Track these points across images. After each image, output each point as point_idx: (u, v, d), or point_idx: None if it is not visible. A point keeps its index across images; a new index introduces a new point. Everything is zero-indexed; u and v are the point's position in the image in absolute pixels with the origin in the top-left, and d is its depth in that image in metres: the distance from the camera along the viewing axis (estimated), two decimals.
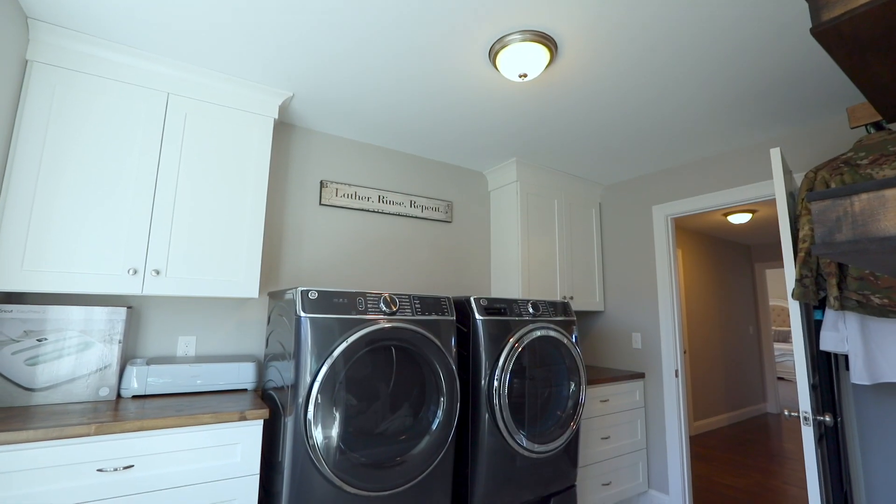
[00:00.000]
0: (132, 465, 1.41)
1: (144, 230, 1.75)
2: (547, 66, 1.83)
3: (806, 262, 1.65)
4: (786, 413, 1.72)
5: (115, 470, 1.38)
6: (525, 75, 1.76)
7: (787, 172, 1.86)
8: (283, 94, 2.08)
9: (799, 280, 1.63)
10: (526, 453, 1.98)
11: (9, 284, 1.52)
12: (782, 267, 5.72)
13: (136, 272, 1.71)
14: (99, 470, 1.36)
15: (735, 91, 2.04)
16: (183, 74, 1.87)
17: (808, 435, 1.57)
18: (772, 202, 3.87)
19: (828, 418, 1.60)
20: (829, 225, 0.75)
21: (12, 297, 1.74)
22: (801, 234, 1.72)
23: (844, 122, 2.25)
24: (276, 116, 2.09)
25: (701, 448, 4.23)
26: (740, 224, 4.82)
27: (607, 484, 2.67)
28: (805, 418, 1.57)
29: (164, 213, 1.80)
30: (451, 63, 1.84)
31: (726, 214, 4.37)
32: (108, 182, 1.71)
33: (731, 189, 2.67)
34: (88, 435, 1.35)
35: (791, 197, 1.83)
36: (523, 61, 1.70)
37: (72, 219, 1.63)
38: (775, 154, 1.69)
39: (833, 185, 1.68)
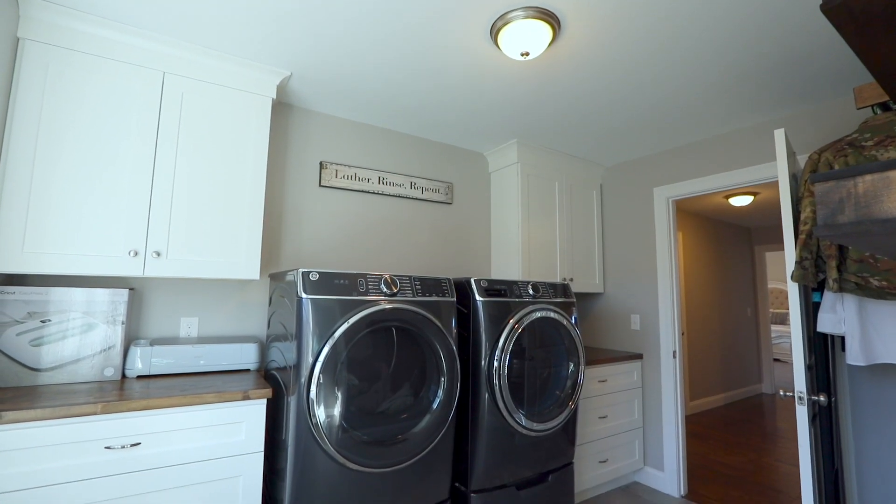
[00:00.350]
0: (139, 443, 1.44)
1: (144, 212, 1.74)
2: (549, 45, 1.79)
3: (806, 244, 1.65)
4: (781, 393, 1.75)
5: (123, 447, 1.41)
6: (527, 53, 1.73)
7: (791, 154, 1.84)
8: (280, 73, 2.05)
9: (799, 262, 1.63)
10: (525, 432, 2.02)
11: (10, 266, 1.53)
12: (782, 249, 5.72)
13: (136, 254, 1.71)
14: (107, 447, 1.39)
15: (738, 71, 2.01)
16: (179, 52, 1.84)
17: (802, 414, 1.60)
18: (774, 184, 3.85)
19: (822, 398, 1.62)
20: (832, 206, 0.75)
21: (14, 278, 1.74)
22: (802, 217, 1.71)
23: (850, 103, 2.22)
24: (274, 96, 2.06)
25: (696, 427, 4.31)
26: (741, 206, 4.81)
27: (604, 461, 2.73)
28: (800, 398, 1.60)
29: (164, 194, 1.79)
30: (452, 41, 1.80)
31: (727, 197, 4.35)
32: (106, 163, 1.69)
33: (733, 171, 2.66)
34: (95, 414, 1.37)
35: (794, 179, 1.81)
36: (526, 39, 1.67)
37: (71, 200, 1.63)
38: (779, 135, 1.67)
39: (837, 167, 1.67)
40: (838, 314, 1.80)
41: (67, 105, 1.64)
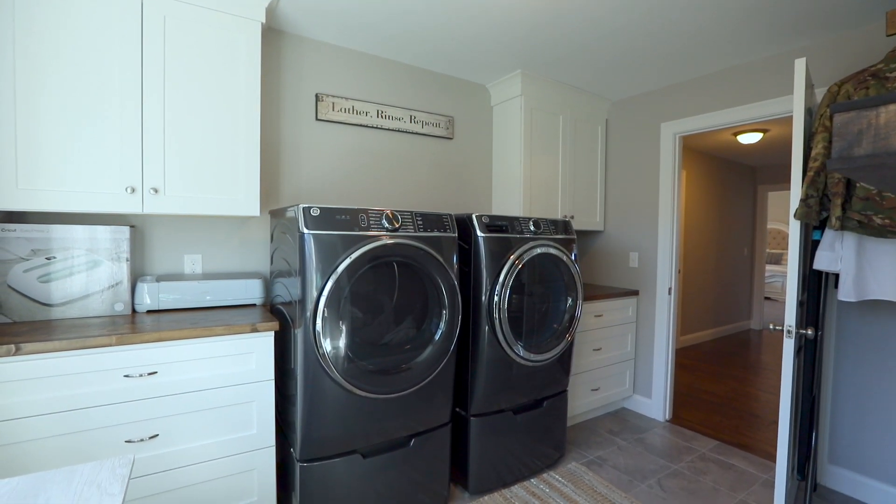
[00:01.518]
0: (156, 372, 1.51)
1: (137, 147, 1.69)
2: None
3: (814, 181, 1.63)
4: (771, 327, 1.81)
5: (141, 376, 1.48)
6: None
7: (809, 87, 1.76)
8: None
9: (804, 200, 1.62)
10: (523, 362, 2.12)
11: (6, 203, 1.51)
12: (786, 189, 5.66)
13: (134, 190, 1.69)
14: (125, 376, 1.46)
15: None
16: None
17: (788, 346, 1.67)
18: (785, 121, 3.72)
19: (810, 332, 1.69)
20: (850, 138, 0.72)
21: (13, 216, 1.73)
22: (812, 153, 1.67)
23: (875, 32, 2.08)
24: (264, 20, 1.92)
25: (685, 359, 4.52)
26: (750, 144, 4.68)
27: (596, 389, 2.90)
28: (788, 331, 1.66)
29: (155, 128, 1.72)
30: None
31: (736, 134, 4.22)
32: (93, 96, 1.61)
33: (744, 105, 2.55)
34: (111, 345, 1.43)
35: (808, 114, 1.75)
36: None
37: (61, 135, 1.57)
38: (800, 65, 1.58)
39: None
40: (836, 252, 1.82)
41: (42, 33, 1.53)
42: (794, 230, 1.64)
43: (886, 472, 2.05)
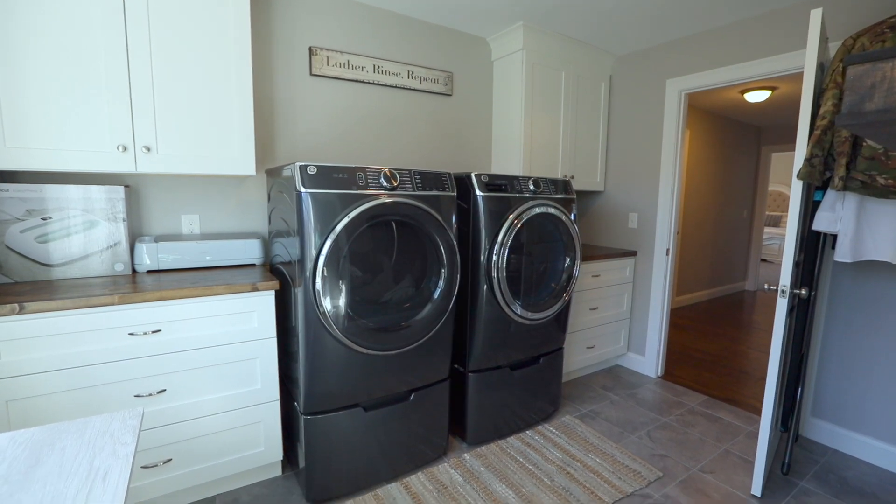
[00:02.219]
0: (160, 330, 1.54)
1: (125, 104, 1.64)
2: None
3: (820, 140, 1.60)
4: (766, 287, 1.84)
5: (145, 334, 1.51)
6: None
7: (823, 40, 1.69)
8: None
9: (808, 160, 1.60)
10: (520, 320, 2.16)
11: None
12: (791, 150, 5.56)
13: (125, 149, 1.65)
14: (130, 334, 1.49)
15: None
16: None
17: (781, 305, 1.70)
18: (794, 78, 3.60)
19: (803, 291, 1.71)
20: (862, 92, 0.70)
21: (5, 176, 1.70)
22: (821, 111, 1.63)
23: None
24: None
25: (679, 319, 4.61)
26: (756, 103, 4.56)
27: (591, 347, 2.97)
28: (783, 291, 1.68)
29: (143, 83, 1.66)
30: None
31: (743, 92, 4.10)
32: (76, 50, 1.54)
33: (753, 61, 2.46)
34: (113, 304, 1.44)
35: (820, 69, 1.69)
36: None
37: (47, 92, 1.51)
38: (815, 16, 1.51)
39: None
40: (836, 213, 1.81)
41: None
42: (795, 191, 1.63)
43: (866, 424, 2.15)
